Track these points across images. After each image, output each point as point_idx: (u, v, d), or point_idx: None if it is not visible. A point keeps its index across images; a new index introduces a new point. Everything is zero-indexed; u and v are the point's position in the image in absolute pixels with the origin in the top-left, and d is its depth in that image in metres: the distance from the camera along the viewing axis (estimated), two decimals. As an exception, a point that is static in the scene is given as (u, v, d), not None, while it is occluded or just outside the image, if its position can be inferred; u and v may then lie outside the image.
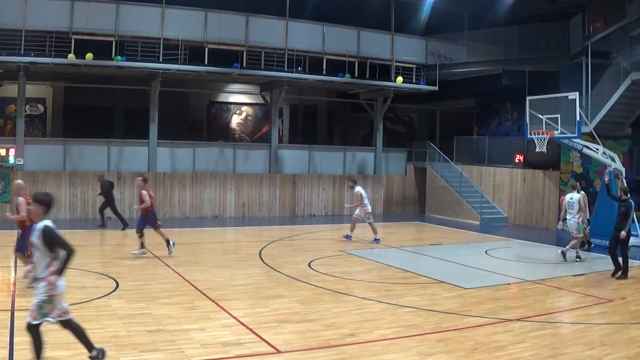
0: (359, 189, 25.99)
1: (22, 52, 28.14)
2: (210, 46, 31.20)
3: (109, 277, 16.68)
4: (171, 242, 20.56)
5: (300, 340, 11.71)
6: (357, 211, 26.08)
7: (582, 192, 23.17)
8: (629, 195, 19.48)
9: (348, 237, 25.94)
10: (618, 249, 19.30)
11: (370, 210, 26.23)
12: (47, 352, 10.03)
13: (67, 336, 10.78)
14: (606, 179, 24.26)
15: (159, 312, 13.24)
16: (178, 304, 14.04)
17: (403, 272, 19.33)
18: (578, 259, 21.87)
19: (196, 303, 14.21)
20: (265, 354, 10.88)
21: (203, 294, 15.17)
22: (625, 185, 26.77)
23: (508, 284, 18.34)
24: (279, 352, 10.96)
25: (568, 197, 22.37)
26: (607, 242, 25.28)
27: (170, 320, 12.65)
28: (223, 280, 17.11)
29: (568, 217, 22.46)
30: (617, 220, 19.22)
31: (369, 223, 26.03)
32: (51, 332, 10.99)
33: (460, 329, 12.83)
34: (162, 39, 30.19)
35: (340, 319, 13.28)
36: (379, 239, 25.56)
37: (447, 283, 17.56)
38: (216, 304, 14.18)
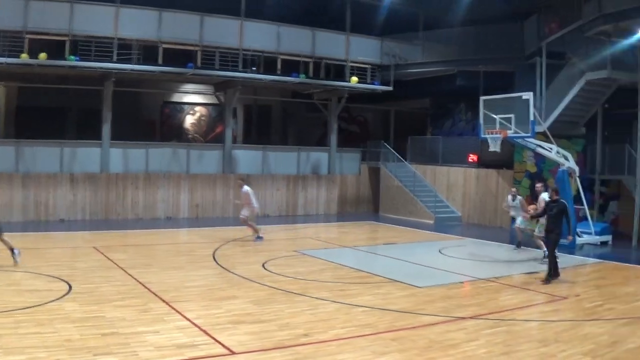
0: (247, 188, 25.61)
1: (-27, 52, 27.90)
2: (164, 46, 31.03)
3: (62, 280, 16.50)
4: (15, 251, 18.96)
5: (254, 341, 11.70)
6: (244, 211, 25.61)
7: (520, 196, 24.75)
8: (559, 196, 19.28)
9: (259, 239, 25.64)
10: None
11: (257, 212, 26.18)
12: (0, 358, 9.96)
13: (20, 340, 10.72)
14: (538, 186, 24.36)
15: (113, 314, 13.14)
16: (131, 306, 13.95)
17: (357, 271, 19.40)
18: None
19: (150, 305, 14.14)
20: (220, 355, 10.87)
21: (156, 296, 15.09)
22: (579, 184, 27.15)
23: (461, 282, 18.47)
24: (233, 353, 10.96)
25: (545, 195, 22.32)
26: (560, 240, 25.81)
27: (123, 323, 12.56)
28: (176, 282, 17.01)
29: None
30: (549, 222, 18.92)
31: (250, 223, 25.76)
32: (5, 336, 10.94)
33: (414, 327, 12.90)
34: (116, 39, 29.96)
35: (295, 319, 13.30)
36: (262, 237, 25.56)
37: (401, 282, 17.65)
38: (170, 306, 14.12)
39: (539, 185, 23.82)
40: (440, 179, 37.49)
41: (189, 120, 41.03)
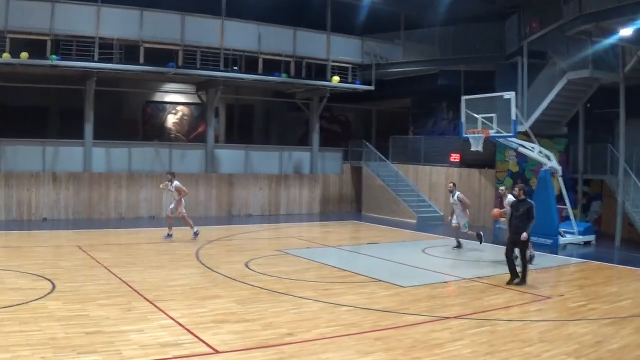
0: (177, 183, 25.45)
1: (-46, 51, 27.79)
2: (145, 45, 30.98)
3: (45, 278, 16.46)
4: None
5: (238, 340, 11.70)
6: (173, 206, 25.44)
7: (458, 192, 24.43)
8: (525, 196, 18.34)
9: (196, 233, 25.46)
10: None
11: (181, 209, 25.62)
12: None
13: (6, 339, 10.69)
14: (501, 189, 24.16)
15: (96, 313, 13.11)
16: (115, 305, 13.92)
17: (341, 271, 19.41)
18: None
19: (133, 304, 14.11)
20: (204, 354, 10.87)
21: (140, 295, 15.05)
22: (562, 184, 27.22)
23: (445, 282, 18.49)
24: (217, 352, 10.96)
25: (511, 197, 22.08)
26: (543, 240, 25.91)
27: (107, 321, 12.54)
28: (160, 280, 16.98)
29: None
30: (515, 223, 17.90)
31: (183, 216, 25.47)
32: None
33: (399, 327, 12.92)
34: (97, 38, 29.90)
35: (279, 319, 13.30)
36: (197, 232, 25.39)
37: (385, 282, 17.66)
38: (153, 304, 14.10)
39: (502, 188, 23.45)
40: (422, 178, 37.55)
41: (171, 120, 40.96)
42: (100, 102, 32.03)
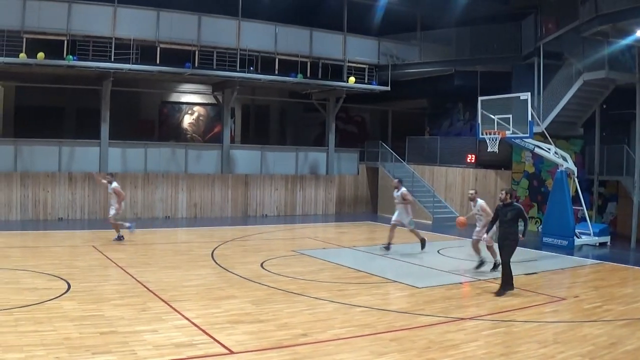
0: (116, 185, 24.52)
1: (-29, 51, 27.91)
2: (162, 46, 31.05)
3: (61, 278, 16.51)
4: None
5: (253, 341, 11.70)
6: (114, 212, 24.36)
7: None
8: (513, 199, 17.11)
9: (131, 227, 24.63)
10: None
11: (121, 212, 24.90)
12: (-2, 355, 9.97)
13: (19, 338, 10.72)
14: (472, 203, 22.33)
15: (111, 313, 13.13)
16: (130, 305, 13.95)
17: (355, 271, 19.37)
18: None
19: (148, 304, 14.14)
20: (218, 354, 10.87)
21: (155, 295, 15.08)
22: (578, 184, 27.12)
23: (460, 283, 18.44)
24: (232, 352, 10.96)
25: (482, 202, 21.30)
26: (559, 241, 25.84)
27: (122, 321, 12.56)
28: (175, 281, 17.00)
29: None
30: (503, 229, 16.74)
31: (114, 222, 24.60)
32: (4, 334, 10.93)
33: (413, 328, 12.88)
34: (113, 39, 29.99)
35: (293, 319, 13.30)
36: (122, 237, 24.35)
37: (400, 282, 17.64)
38: (168, 305, 14.12)
39: (472, 191, 22.25)
40: (438, 179, 37.47)
41: (187, 120, 41.03)
42: (116, 102, 32.13)
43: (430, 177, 37.95)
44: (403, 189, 23.86)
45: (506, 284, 16.47)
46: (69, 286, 15.63)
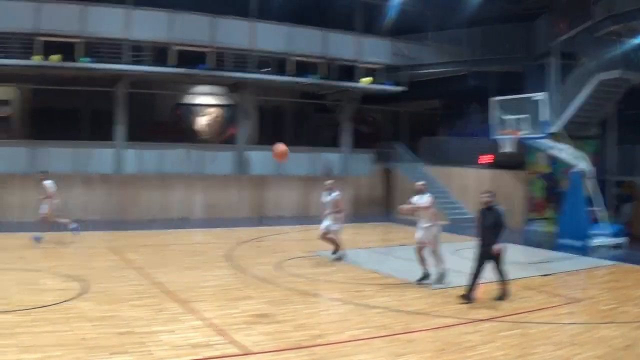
0: (49, 182, 24.19)
1: (-14, 54, 28.08)
2: (176, 47, 31.17)
3: (77, 279, 16.58)
4: None
5: (270, 342, 11.74)
6: (45, 208, 23.96)
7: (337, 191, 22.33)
8: (492, 204, 15.74)
9: (51, 228, 24.21)
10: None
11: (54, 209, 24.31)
12: (15, 355, 10.02)
13: (37, 339, 10.77)
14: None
15: (128, 314, 13.20)
16: (147, 306, 14.03)
17: (371, 272, 19.36)
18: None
19: (165, 305, 14.21)
20: (235, 355, 10.92)
21: (172, 296, 15.16)
22: (593, 185, 27.03)
23: (477, 284, 18.39)
24: (248, 353, 10.99)
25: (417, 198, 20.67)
26: (574, 243, 25.79)
27: (139, 322, 12.63)
28: (191, 282, 17.04)
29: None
30: (485, 234, 15.72)
31: (44, 218, 24.06)
32: (21, 334, 10.99)
33: (430, 329, 12.88)
34: (127, 41, 30.11)
35: (310, 320, 13.36)
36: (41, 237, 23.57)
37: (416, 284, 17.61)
38: (185, 305, 14.18)
39: (420, 183, 21.22)
40: (452, 180, 37.36)
41: (203, 122, 41.08)
42: (131, 104, 32.21)
43: (444, 178, 37.80)
44: (338, 192, 22.80)
45: (471, 291, 15.55)
46: (86, 287, 15.69)
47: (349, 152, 38.41)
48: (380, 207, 40.86)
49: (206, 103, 41.01)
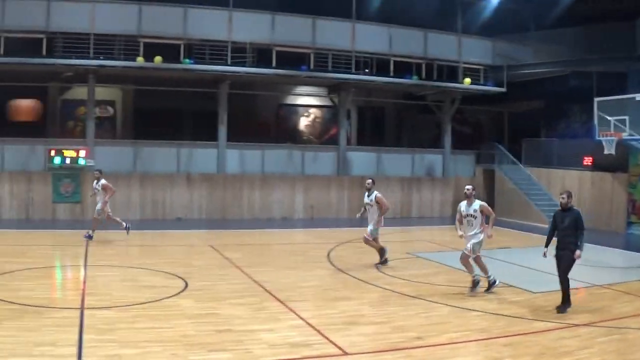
0: (104, 181, 23.80)
1: (91, 55, 28.64)
2: (277, 49, 31.46)
3: (178, 277, 16.90)
4: None
5: (368, 343, 11.77)
6: (99, 207, 23.73)
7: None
8: (571, 205, 15.27)
9: (127, 228, 23.94)
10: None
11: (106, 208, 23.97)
12: (114, 350, 10.24)
13: (136, 335, 10.99)
14: None
15: (228, 312, 13.43)
16: (246, 304, 14.22)
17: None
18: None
19: (264, 304, 14.38)
20: (333, 355, 10.98)
21: (271, 295, 15.32)
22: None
23: (576, 288, 18.16)
24: (346, 354, 11.03)
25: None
26: None
27: (238, 320, 12.83)
28: (291, 281, 17.24)
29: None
30: (560, 237, 15.33)
31: (109, 217, 23.93)
32: (121, 330, 11.22)
33: (528, 333, 12.74)
34: (229, 42, 30.46)
35: (408, 322, 13.32)
36: (128, 226, 23.94)
37: (515, 287, 17.45)
38: (284, 305, 14.33)
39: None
40: (554, 182, 36.82)
41: (304, 122, 41.30)
42: (233, 104, 32.59)
43: (546, 180, 37.30)
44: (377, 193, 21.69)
45: (567, 300, 14.83)
46: (187, 284, 16.00)
47: (450, 153, 38.18)
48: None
49: (307, 104, 41.21)
